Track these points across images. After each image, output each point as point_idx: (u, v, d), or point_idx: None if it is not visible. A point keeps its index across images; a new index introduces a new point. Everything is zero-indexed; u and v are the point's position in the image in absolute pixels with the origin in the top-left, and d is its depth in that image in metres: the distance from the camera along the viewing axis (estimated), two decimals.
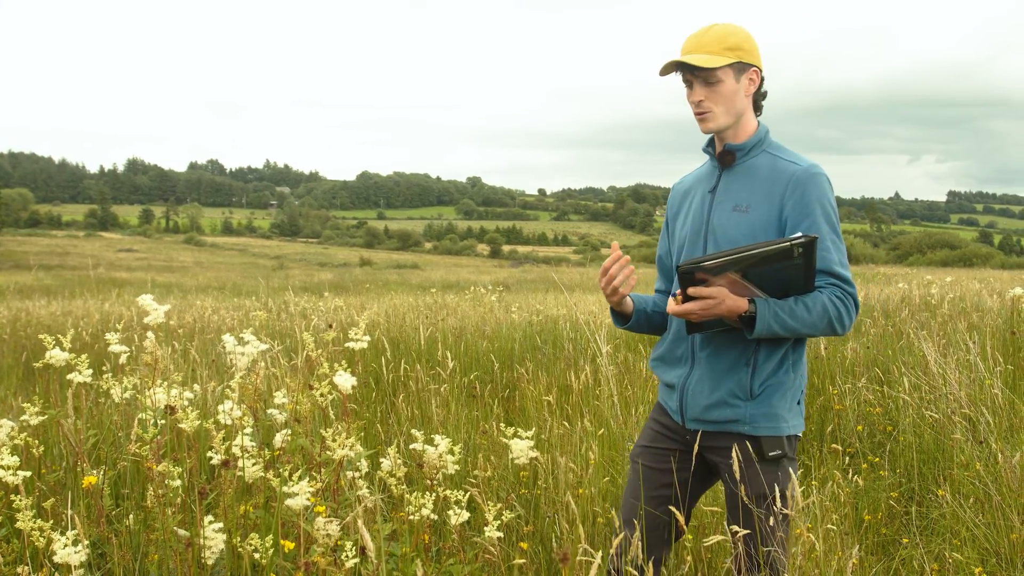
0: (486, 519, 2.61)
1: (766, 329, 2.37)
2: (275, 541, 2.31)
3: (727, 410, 2.51)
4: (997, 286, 13.19)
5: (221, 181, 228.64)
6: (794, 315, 2.37)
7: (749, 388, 2.49)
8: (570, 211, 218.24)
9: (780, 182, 2.48)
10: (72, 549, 2.21)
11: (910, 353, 6.20)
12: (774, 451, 2.48)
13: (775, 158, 2.54)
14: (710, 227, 2.58)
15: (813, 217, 2.43)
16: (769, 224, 2.47)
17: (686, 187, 2.79)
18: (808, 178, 2.45)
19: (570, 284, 21.12)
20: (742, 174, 2.57)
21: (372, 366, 6.55)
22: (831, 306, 2.38)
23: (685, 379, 2.62)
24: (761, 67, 2.55)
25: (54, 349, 3.26)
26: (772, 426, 2.49)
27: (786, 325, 2.38)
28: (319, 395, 2.68)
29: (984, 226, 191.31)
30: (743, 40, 2.50)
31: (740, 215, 2.52)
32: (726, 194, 2.58)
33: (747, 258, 2.28)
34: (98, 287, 21.66)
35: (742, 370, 2.50)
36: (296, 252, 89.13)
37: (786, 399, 2.51)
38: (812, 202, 2.43)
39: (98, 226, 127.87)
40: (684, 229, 2.70)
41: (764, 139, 2.58)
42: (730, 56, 2.48)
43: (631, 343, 8.08)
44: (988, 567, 3.49)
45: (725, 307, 2.36)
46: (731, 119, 2.54)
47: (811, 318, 2.38)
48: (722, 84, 2.50)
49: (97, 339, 8.75)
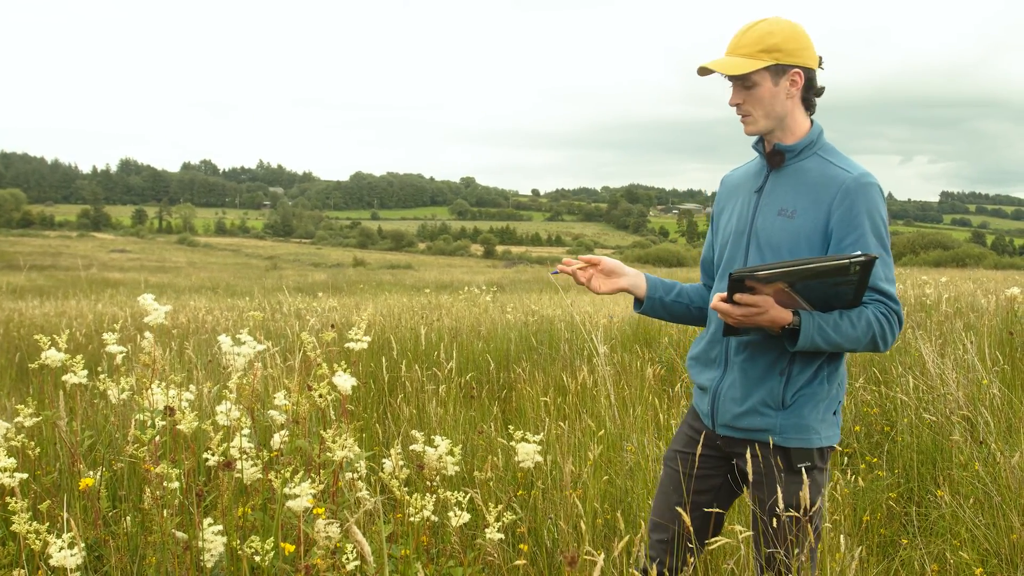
0: (486, 520, 2.59)
1: (809, 343, 2.31)
2: (275, 544, 2.29)
3: (757, 419, 2.46)
4: (991, 286, 13.23)
5: (214, 181, 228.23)
6: (839, 330, 2.31)
7: (781, 398, 2.43)
8: (564, 211, 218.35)
9: (829, 189, 2.38)
10: (68, 552, 2.19)
11: (907, 353, 6.19)
12: (803, 462, 2.43)
13: (826, 162, 2.44)
14: (754, 229, 2.51)
15: (861, 230, 2.33)
16: (814, 232, 2.39)
17: (734, 183, 2.69)
18: (858, 188, 2.35)
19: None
20: (790, 176, 2.47)
21: (368, 366, 6.52)
22: (876, 323, 2.31)
23: (718, 383, 2.57)
24: (808, 65, 2.42)
25: (50, 350, 3.24)
26: (802, 438, 2.43)
27: (829, 339, 2.31)
28: (318, 396, 2.66)
29: (977, 226, 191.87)
30: (784, 40, 2.38)
31: (785, 220, 2.43)
32: (772, 196, 2.49)
33: (802, 271, 2.22)
34: (91, 288, 21.59)
35: (775, 379, 2.44)
36: (289, 252, 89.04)
37: (818, 410, 2.44)
38: (860, 214, 2.34)
39: (91, 226, 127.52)
40: (728, 227, 2.61)
41: (816, 141, 2.47)
42: (765, 59, 2.38)
43: (628, 344, 8.07)
44: (988, 568, 3.48)
45: (768, 317, 2.30)
46: (771, 122, 2.45)
47: (855, 333, 2.31)
48: (758, 87, 2.41)
49: (91, 340, 8.71)
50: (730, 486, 2.67)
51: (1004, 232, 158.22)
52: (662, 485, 2.74)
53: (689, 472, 2.65)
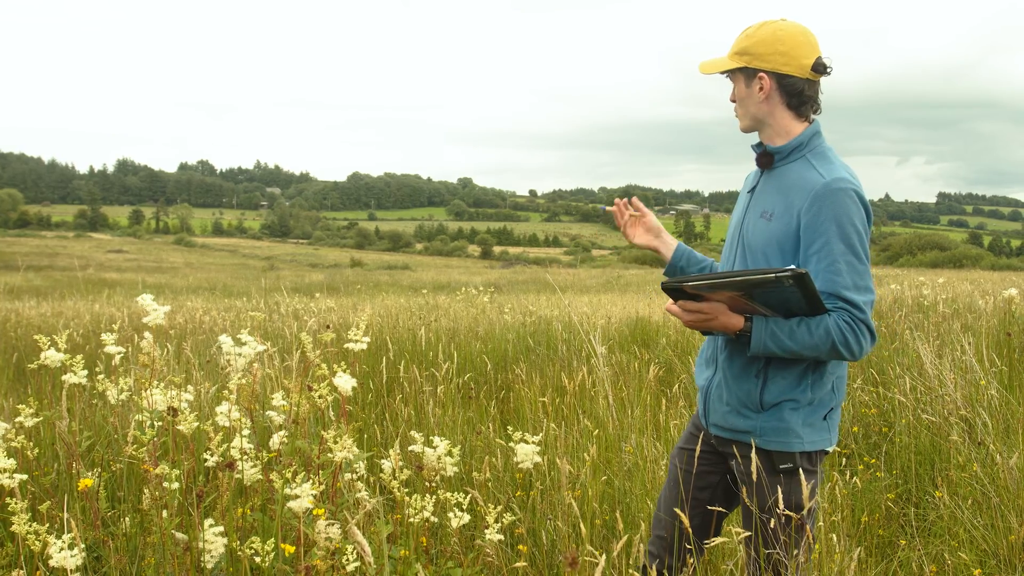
0: (486, 522, 2.59)
1: (761, 348, 2.33)
2: (275, 544, 2.28)
3: (740, 420, 2.48)
4: (988, 287, 13.25)
5: (211, 182, 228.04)
6: (794, 336, 2.30)
7: (759, 400, 2.44)
8: (561, 212, 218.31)
9: (801, 194, 2.37)
10: (68, 553, 2.18)
11: (905, 354, 6.20)
12: (785, 464, 2.44)
13: (809, 166, 2.42)
14: (742, 231, 2.55)
15: (826, 237, 2.31)
16: (786, 237, 2.39)
17: (746, 182, 2.72)
18: (827, 194, 2.32)
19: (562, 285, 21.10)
20: (776, 179, 2.49)
21: (365, 367, 6.52)
22: (836, 331, 2.28)
23: (709, 382, 2.61)
24: (780, 70, 2.40)
25: (49, 350, 3.23)
26: (782, 441, 2.43)
27: (783, 346, 2.31)
28: (318, 397, 2.66)
29: (974, 227, 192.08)
30: (757, 43, 2.41)
31: (765, 222, 2.45)
32: (760, 198, 2.52)
33: (731, 284, 2.22)
34: (88, 288, 21.54)
35: (751, 381, 2.45)
36: (286, 253, 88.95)
37: (800, 414, 2.43)
38: (827, 220, 2.31)
39: (88, 227, 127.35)
40: (730, 226, 2.69)
41: (805, 144, 2.46)
42: (737, 61, 2.43)
43: (626, 344, 8.07)
44: (987, 568, 3.48)
45: (719, 323, 2.34)
46: (751, 122, 2.50)
47: (812, 341, 2.29)
48: (736, 87, 2.49)
49: (88, 340, 8.69)
50: (728, 484, 2.68)
51: (1001, 233, 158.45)
52: (667, 481, 2.78)
53: (689, 469, 2.68)
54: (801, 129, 2.48)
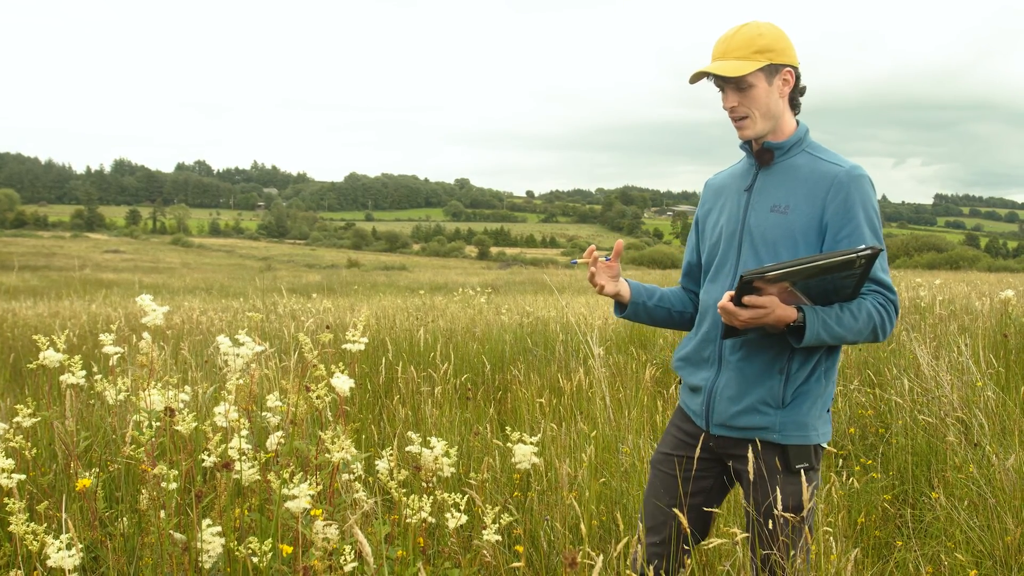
0: (483, 522, 2.59)
1: (815, 338, 2.32)
2: (273, 545, 2.29)
3: (756, 417, 2.47)
4: (985, 288, 13.27)
5: (208, 182, 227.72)
6: (841, 322, 2.33)
7: (782, 396, 2.44)
8: (558, 213, 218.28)
9: (822, 184, 2.42)
10: (66, 553, 2.18)
11: (902, 355, 6.21)
12: (801, 463, 2.45)
13: (816, 158, 2.48)
14: (746, 227, 2.53)
15: (856, 222, 2.37)
16: (809, 227, 2.42)
17: (719, 184, 2.72)
18: (851, 180, 2.39)
19: (559, 286, 21.10)
20: (781, 173, 2.51)
21: (363, 367, 6.52)
22: (876, 313, 2.35)
23: (712, 382, 2.57)
24: (796, 64, 2.48)
25: (48, 350, 3.23)
26: (801, 435, 2.45)
27: (833, 333, 2.33)
28: (315, 397, 2.66)
29: (971, 229, 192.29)
30: (773, 40, 2.43)
31: (778, 216, 2.46)
32: (764, 193, 2.52)
33: (810, 269, 2.23)
34: (84, 288, 21.52)
35: (775, 377, 2.45)
36: (284, 253, 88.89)
37: (815, 407, 2.47)
38: (855, 206, 2.38)
39: (85, 227, 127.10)
40: (717, 228, 2.63)
41: (804, 138, 2.52)
42: (760, 59, 2.42)
43: (623, 345, 8.08)
44: (983, 570, 3.49)
45: (774, 317, 2.31)
46: (769, 123, 2.48)
47: (857, 325, 2.34)
48: (754, 89, 2.44)
49: (85, 340, 8.68)
50: (722, 486, 2.68)
51: (998, 235, 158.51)
52: (651, 488, 2.74)
53: (678, 474, 2.65)
54: (795, 125, 2.54)
